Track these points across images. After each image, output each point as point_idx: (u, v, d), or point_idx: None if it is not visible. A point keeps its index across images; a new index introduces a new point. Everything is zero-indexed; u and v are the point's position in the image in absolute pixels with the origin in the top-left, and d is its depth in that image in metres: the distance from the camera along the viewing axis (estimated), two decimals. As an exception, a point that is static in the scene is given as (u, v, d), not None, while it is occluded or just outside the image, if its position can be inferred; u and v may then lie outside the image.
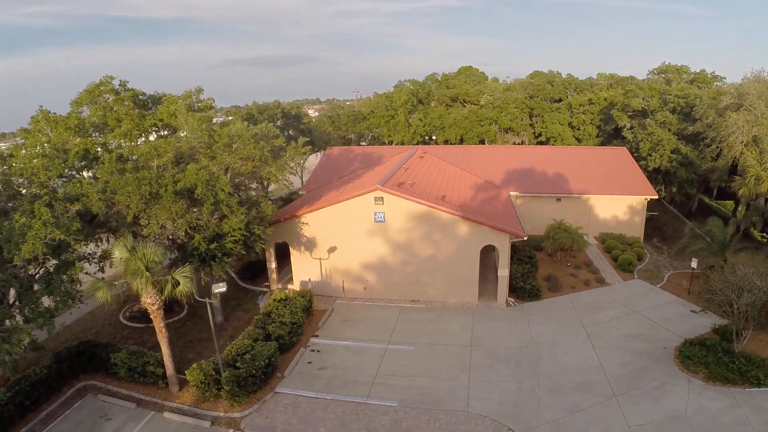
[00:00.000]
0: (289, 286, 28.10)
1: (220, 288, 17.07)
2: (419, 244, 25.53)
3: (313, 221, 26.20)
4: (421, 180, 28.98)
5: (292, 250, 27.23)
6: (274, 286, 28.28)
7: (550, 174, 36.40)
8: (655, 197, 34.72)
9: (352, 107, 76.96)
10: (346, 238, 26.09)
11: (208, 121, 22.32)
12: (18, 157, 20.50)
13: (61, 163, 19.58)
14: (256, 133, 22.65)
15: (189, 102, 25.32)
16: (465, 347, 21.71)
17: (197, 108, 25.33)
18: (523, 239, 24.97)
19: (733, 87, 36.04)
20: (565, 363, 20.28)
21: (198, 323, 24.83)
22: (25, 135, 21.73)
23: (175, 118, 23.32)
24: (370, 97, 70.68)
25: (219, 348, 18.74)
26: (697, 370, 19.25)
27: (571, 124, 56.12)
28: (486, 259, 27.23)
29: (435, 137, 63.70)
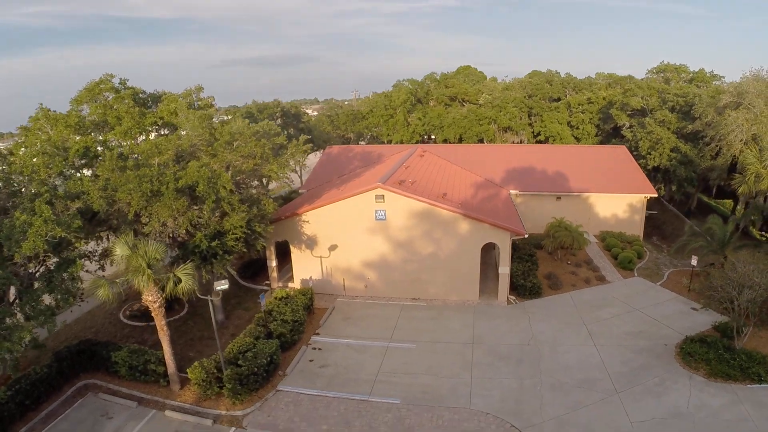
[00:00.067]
0: (290, 284, 28.04)
1: (222, 285, 17.01)
2: (420, 242, 25.52)
3: (314, 219, 26.15)
4: (422, 178, 28.96)
5: (292, 249, 27.18)
6: (275, 285, 28.22)
7: (549, 172, 36.41)
8: (655, 195, 34.80)
9: (351, 106, 76.88)
10: (347, 236, 26.05)
11: (209, 119, 22.27)
12: (18, 155, 20.42)
13: (61, 161, 19.51)
14: (258, 130, 22.60)
15: (189, 100, 25.28)
16: (466, 345, 21.70)
17: (197, 106, 25.29)
18: (524, 237, 24.98)
19: (732, 85, 36.10)
20: (567, 360, 20.30)
21: (198, 322, 24.76)
22: (25, 133, 21.64)
23: (176, 116, 23.27)
24: (369, 97, 70.60)
25: (220, 346, 18.66)
26: (698, 367, 19.31)
27: (570, 123, 56.14)
28: (486, 257, 27.23)
29: (434, 136, 63.70)
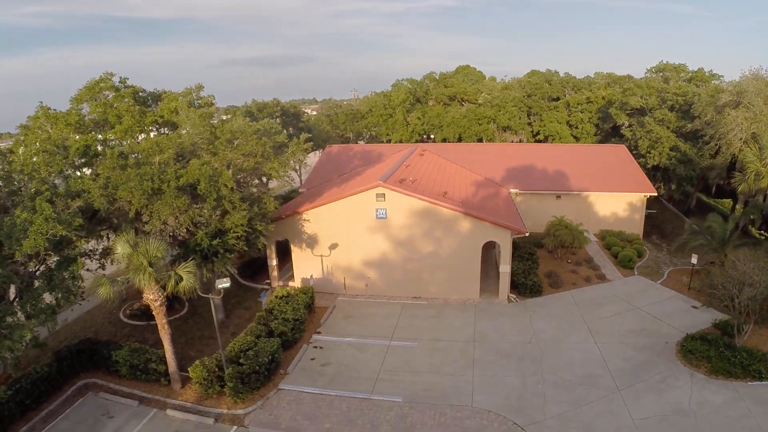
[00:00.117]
0: (290, 283, 27.99)
1: (223, 283, 16.95)
2: (421, 240, 25.50)
3: (315, 218, 26.11)
4: (422, 177, 28.95)
5: (293, 247, 27.14)
6: (275, 284, 28.17)
7: (549, 171, 36.44)
8: (654, 194, 34.85)
9: (350, 106, 76.84)
10: (348, 234, 26.02)
11: (210, 117, 22.21)
12: (18, 154, 20.34)
13: (61, 159, 19.44)
14: (259, 129, 22.55)
15: (189, 99, 25.18)
16: (468, 343, 21.69)
17: (198, 105, 25.21)
18: (525, 235, 25.00)
19: (731, 84, 36.16)
20: (569, 358, 20.31)
21: (199, 321, 24.70)
22: (25, 132, 21.55)
23: (176, 115, 23.19)
24: (368, 96, 70.61)
25: (222, 345, 18.61)
26: (699, 365, 19.34)
27: (569, 122, 56.24)
28: (486, 256, 27.20)
29: (433, 136, 63.71)
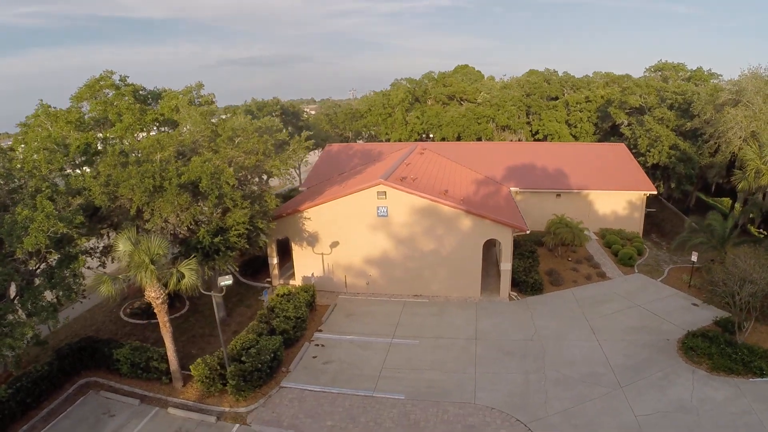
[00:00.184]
0: (291, 281, 27.95)
1: (226, 281, 16.89)
2: (422, 238, 25.49)
3: (316, 216, 26.08)
4: (423, 175, 28.94)
5: (294, 246, 27.09)
6: (276, 282, 28.12)
7: (549, 170, 36.48)
8: (654, 193, 34.93)
9: (349, 105, 76.81)
10: (349, 233, 25.99)
11: (211, 115, 22.15)
12: (18, 151, 20.26)
13: (62, 157, 19.36)
14: (260, 126, 22.50)
15: (190, 97, 25.10)
16: (470, 340, 21.69)
17: (198, 103, 25.13)
18: (526, 233, 25.02)
19: (730, 83, 36.26)
20: (570, 355, 20.34)
21: (200, 319, 24.65)
22: (25, 129, 21.46)
23: (177, 113, 23.12)
24: (367, 95, 70.55)
25: (223, 342, 18.55)
26: (700, 361, 19.40)
27: (568, 121, 56.25)
28: (487, 254, 27.21)
29: (432, 135, 63.70)
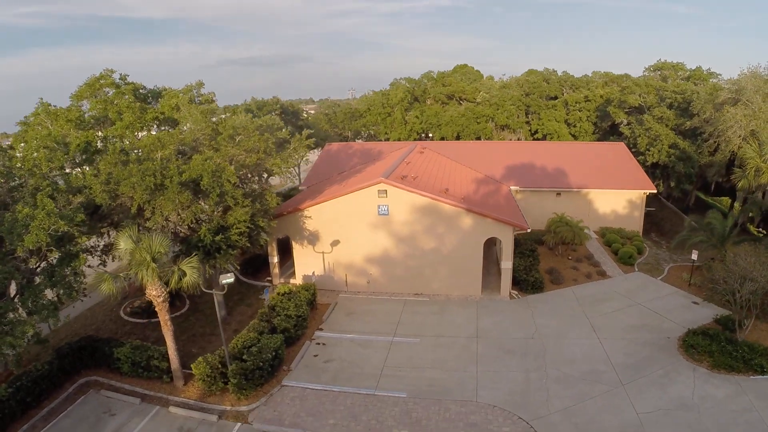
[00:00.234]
0: (291, 280, 27.93)
1: (228, 279, 16.84)
2: (423, 237, 25.49)
3: (316, 215, 26.06)
4: (423, 174, 28.92)
5: (294, 244, 27.07)
6: (277, 281, 28.10)
7: (549, 169, 36.51)
8: (654, 191, 34.98)
9: (348, 105, 76.76)
10: (349, 231, 25.98)
11: (212, 114, 22.11)
12: (18, 149, 20.20)
13: (62, 155, 19.31)
14: (261, 124, 22.47)
15: (190, 96, 25.08)
16: (471, 339, 21.70)
17: (198, 102, 25.10)
18: (527, 231, 25.03)
19: (730, 82, 36.30)
20: (571, 353, 20.35)
21: (200, 318, 24.61)
22: (25, 128, 21.40)
23: (177, 111, 23.09)
24: (366, 95, 70.51)
25: (225, 341, 18.51)
26: (701, 359, 19.42)
27: (567, 121, 56.29)
28: (486, 253, 27.19)
29: (431, 135, 63.70)
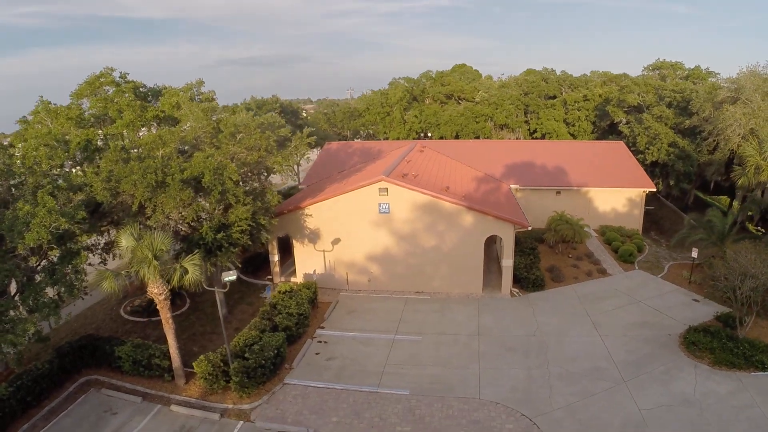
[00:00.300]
0: (292, 279, 27.88)
1: (230, 276, 16.79)
2: (424, 235, 25.48)
3: (317, 213, 26.01)
4: (424, 172, 28.90)
5: (295, 243, 27.02)
6: (277, 279, 28.04)
7: (549, 167, 36.56)
8: (654, 190, 35.04)
9: (347, 104, 76.74)
10: (350, 229, 25.94)
11: (213, 112, 22.07)
12: (18, 147, 20.11)
13: (62, 153, 19.23)
14: (262, 122, 22.44)
15: (190, 94, 25.05)
16: (473, 336, 21.70)
17: (199, 100, 25.06)
18: (528, 229, 25.05)
19: (729, 81, 36.44)
20: (573, 350, 20.37)
21: (201, 317, 24.54)
22: (25, 126, 21.31)
23: (178, 110, 23.04)
24: (366, 94, 70.53)
25: (227, 339, 18.45)
26: (702, 356, 19.47)
27: (566, 120, 56.45)
28: (487, 251, 27.19)
29: (430, 134, 63.74)
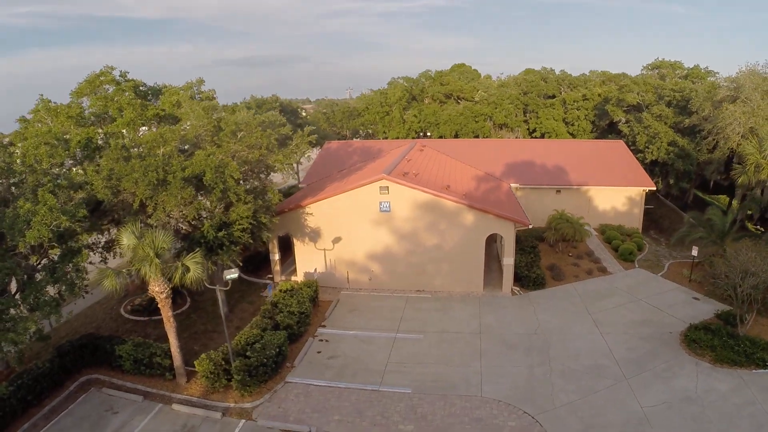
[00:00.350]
0: (293, 277, 27.85)
1: (232, 274, 16.75)
2: (425, 233, 25.47)
3: (318, 212, 25.98)
4: (424, 171, 28.89)
5: (295, 242, 26.99)
6: (278, 278, 28.00)
7: (549, 166, 36.60)
8: (653, 188, 35.10)
9: (346, 103, 76.69)
10: (351, 228, 25.92)
11: (213, 110, 22.01)
12: (18, 146, 20.02)
13: (63, 152, 19.15)
14: (263, 120, 22.39)
15: (191, 93, 24.98)
16: (474, 335, 21.70)
17: (199, 99, 24.99)
18: (528, 227, 25.05)
19: (728, 80, 36.50)
20: (574, 348, 20.39)
21: (202, 316, 24.49)
22: (25, 125, 21.21)
23: (178, 108, 22.97)
24: (365, 94, 70.49)
25: (228, 337, 18.40)
26: (703, 354, 19.50)
27: (565, 119, 56.50)
28: (487, 249, 27.18)
29: (429, 133, 63.73)
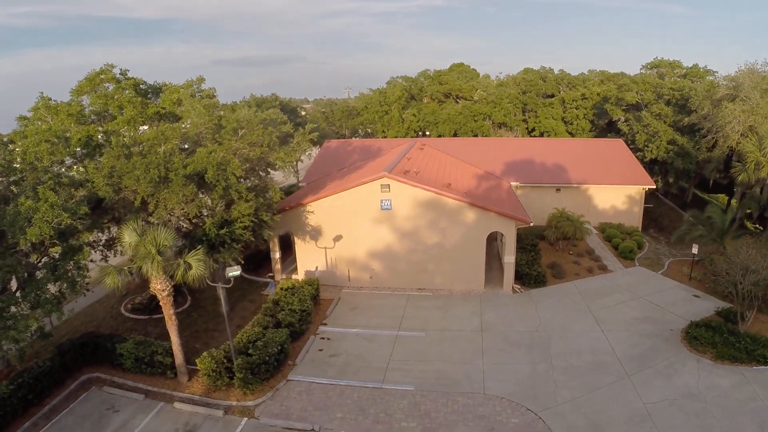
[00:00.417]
0: (293, 276, 27.82)
1: (234, 271, 16.71)
2: (426, 231, 25.46)
3: (318, 210, 25.94)
4: (424, 169, 28.88)
5: (296, 240, 26.95)
6: (279, 277, 27.96)
7: (548, 165, 36.65)
8: (653, 187, 35.19)
9: (346, 103, 76.63)
10: (352, 226, 25.90)
11: (214, 108, 21.95)
12: (18, 144, 19.92)
13: (63, 149, 19.08)
14: (264, 118, 22.35)
15: (191, 91, 24.90)
16: (476, 332, 21.71)
17: (199, 97, 24.91)
18: (529, 225, 25.08)
19: (727, 78, 36.61)
20: (576, 345, 20.42)
21: (203, 314, 24.43)
22: (24, 123, 21.11)
23: (179, 106, 22.90)
24: (363, 93, 70.44)
25: (230, 335, 18.36)
26: (704, 350, 19.56)
27: (564, 119, 56.58)
28: (488, 248, 27.21)
29: (428, 132, 63.73)
